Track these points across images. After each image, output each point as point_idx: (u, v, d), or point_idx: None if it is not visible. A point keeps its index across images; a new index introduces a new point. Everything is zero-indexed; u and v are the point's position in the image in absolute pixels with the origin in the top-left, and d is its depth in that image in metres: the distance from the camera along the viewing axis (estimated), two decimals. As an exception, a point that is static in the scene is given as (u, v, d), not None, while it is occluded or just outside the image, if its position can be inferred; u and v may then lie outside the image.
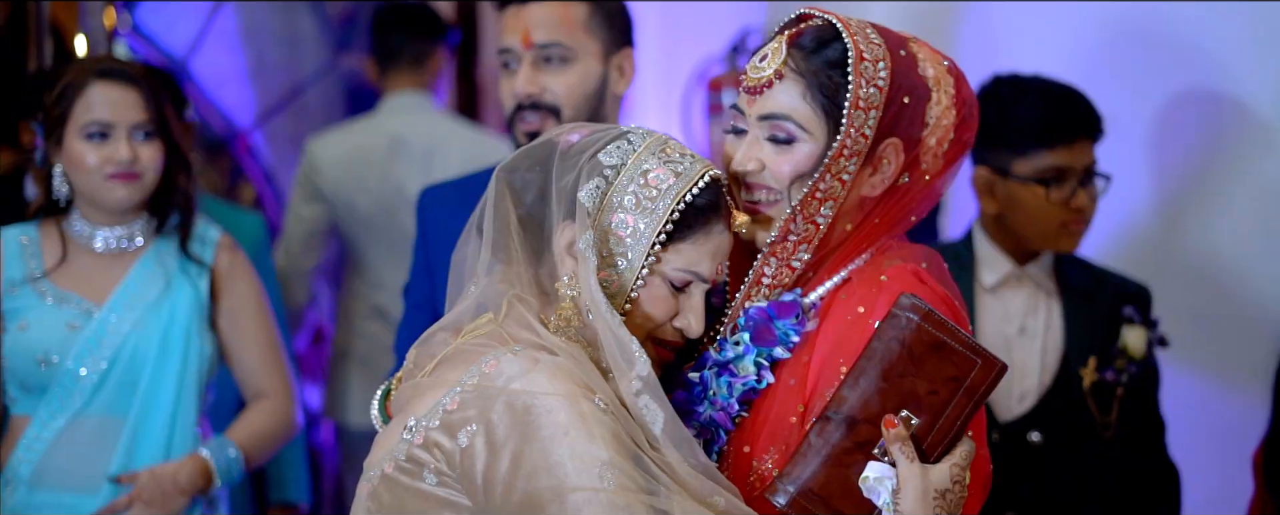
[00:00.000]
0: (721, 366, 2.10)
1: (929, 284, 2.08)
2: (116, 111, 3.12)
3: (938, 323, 1.90)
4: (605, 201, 2.04)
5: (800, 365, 2.08)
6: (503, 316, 2.05)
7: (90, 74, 3.15)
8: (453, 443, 1.92)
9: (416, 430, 1.95)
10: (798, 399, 2.06)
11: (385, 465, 1.97)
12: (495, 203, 2.09)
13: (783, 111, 2.09)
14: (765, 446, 2.05)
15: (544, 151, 2.10)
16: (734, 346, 2.09)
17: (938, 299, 2.05)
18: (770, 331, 2.08)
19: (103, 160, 3.11)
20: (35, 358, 3.11)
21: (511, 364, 1.94)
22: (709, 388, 2.09)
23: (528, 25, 2.94)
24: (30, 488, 3.11)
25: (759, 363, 2.08)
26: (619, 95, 3.04)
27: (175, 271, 3.23)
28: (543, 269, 2.08)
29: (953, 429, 1.90)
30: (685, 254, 2.06)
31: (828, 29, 2.11)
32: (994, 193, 3.22)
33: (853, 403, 1.91)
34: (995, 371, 1.90)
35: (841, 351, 2.04)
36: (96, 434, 3.14)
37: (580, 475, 1.86)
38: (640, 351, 1.96)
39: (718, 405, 2.09)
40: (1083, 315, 3.23)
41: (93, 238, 3.20)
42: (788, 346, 2.08)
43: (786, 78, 2.08)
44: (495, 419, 1.90)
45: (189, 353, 3.20)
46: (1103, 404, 3.18)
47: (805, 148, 2.09)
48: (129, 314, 3.17)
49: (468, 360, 1.98)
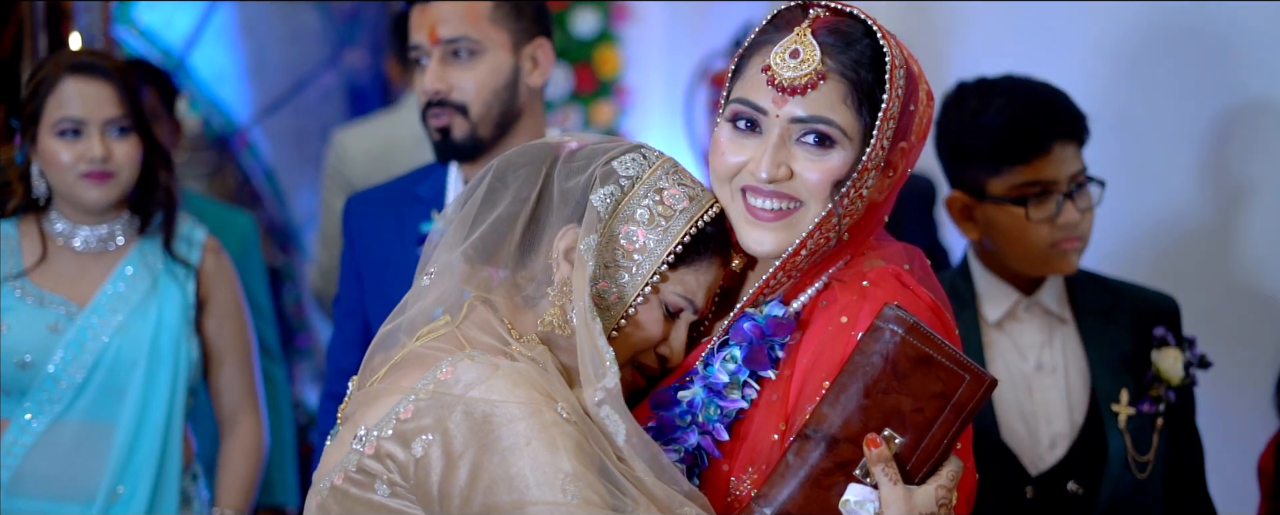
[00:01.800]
0: (712, 390, 1.99)
1: (913, 288, 1.98)
2: (89, 107, 3.04)
3: (923, 336, 1.81)
4: (618, 210, 1.97)
5: (781, 380, 1.98)
6: (461, 319, 1.97)
7: (63, 69, 3.07)
8: (406, 453, 1.84)
9: (367, 440, 1.87)
10: (778, 416, 1.95)
11: (335, 476, 1.90)
12: (485, 198, 2.00)
13: (827, 115, 1.94)
14: (743, 466, 1.95)
15: (543, 153, 2.04)
16: (725, 366, 1.99)
17: (923, 306, 1.95)
18: (763, 352, 1.97)
19: (76, 158, 3.03)
20: (14, 360, 3.03)
21: (469, 370, 1.86)
22: (697, 412, 1.99)
23: (433, 21, 2.91)
24: (8, 494, 3.04)
25: (747, 382, 1.98)
26: (536, 87, 2.99)
27: (161, 273, 3.15)
28: (524, 272, 2.00)
29: (938, 448, 1.81)
30: (685, 281, 2.00)
31: (851, 23, 1.98)
32: (973, 217, 2.89)
33: (833, 420, 1.81)
34: (984, 386, 1.81)
35: (823, 365, 1.93)
36: (79, 440, 3.07)
37: (542, 488, 1.78)
38: (614, 364, 1.88)
39: (705, 429, 1.98)
40: (1105, 340, 2.89)
41: (73, 236, 3.12)
42: (775, 365, 1.99)
43: (830, 79, 1.93)
44: (452, 428, 1.82)
45: (179, 358, 3.14)
46: (1140, 441, 2.84)
47: (842, 154, 1.95)
48: (113, 316, 3.10)
49: (422, 365, 1.90)
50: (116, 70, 3.10)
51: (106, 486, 3.05)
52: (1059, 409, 2.87)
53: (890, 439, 1.79)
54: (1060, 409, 2.87)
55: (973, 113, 2.84)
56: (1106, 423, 2.83)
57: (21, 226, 3.13)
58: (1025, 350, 2.90)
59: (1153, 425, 2.83)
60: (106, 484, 3.05)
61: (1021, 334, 2.91)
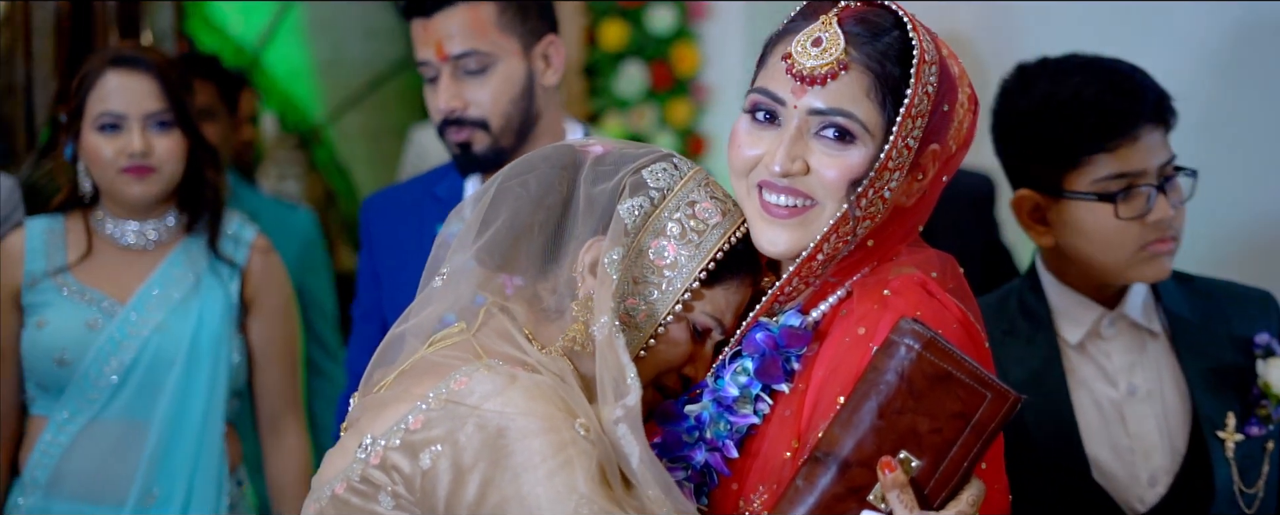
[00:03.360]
0: (721, 405, 1.87)
1: (939, 297, 1.84)
2: (129, 101, 2.99)
3: (941, 351, 1.66)
4: (647, 223, 1.87)
5: (795, 394, 1.85)
6: (478, 326, 1.87)
7: (105, 63, 3.03)
8: (413, 465, 1.75)
9: (372, 449, 1.78)
10: (791, 433, 1.82)
11: (336, 485, 1.81)
12: (505, 203, 1.90)
13: (848, 108, 1.82)
14: (755, 485, 1.83)
15: (566, 158, 1.93)
16: (735, 379, 1.87)
17: (949, 317, 1.82)
18: (776, 364, 1.85)
19: (116, 152, 2.99)
20: (52, 357, 3.00)
21: (485, 380, 1.75)
22: (706, 428, 1.87)
23: (439, 37, 2.78)
24: (46, 494, 3.01)
25: (758, 396, 1.86)
26: (550, 86, 2.87)
27: (205, 271, 3.10)
28: (546, 283, 1.90)
29: (958, 471, 1.67)
30: (715, 300, 1.89)
31: (881, 13, 1.86)
32: (1045, 220, 2.53)
33: (845, 442, 1.67)
34: (1007, 405, 1.67)
35: (838, 379, 1.80)
36: (117, 439, 3.02)
37: (554, 508, 1.68)
38: (636, 381, 1.78)
39: (714, 445, 1.87)
40: (1202, 353, 2.53)
41: (117, 232, 3.08)
42: (790, 378, 1.86)
43: (852, 70, 1.81)
44: (463, 440, 1.72)
45: (218, 359, 3.08)
46: (1248, 470, 2.49)
47: (862, 151, 1.82)
48: (153, 314, 3.05)
49: (435, 374, 1.80)
50: (158, 64, 3.05)
51: (139, 488, 3.01)
52: (1157, 439, 2.51)
53: (906, 462, 1.65)
54: (1159, 439, 2.51)
55: (1044, 96, 2.49)
56: (1213, 451, 2.48)
57: (68, 221, 3.09)
58: (1114, 374, 2.55)
59: (1262, 450, 2.51)
60: (139, 485, 3.01)
61: (1108, 355, 2.56)
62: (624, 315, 1.85)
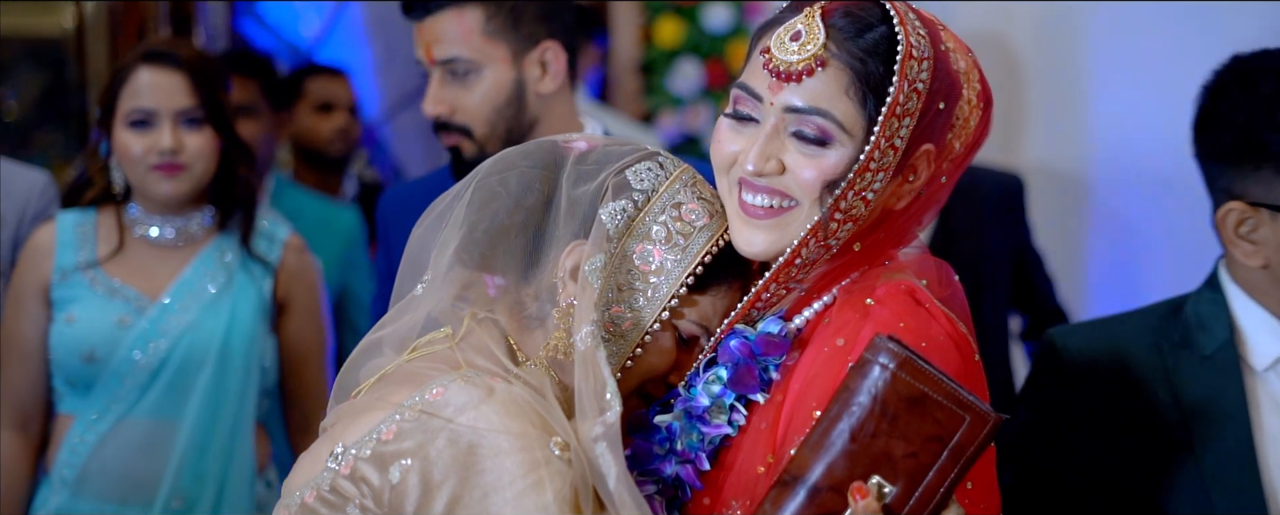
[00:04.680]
0: (692, 414, 1.79)
1: (927, 307, 1.75)
2: (159, 97, 2.97)
3: (917, 371, 1.57)
4: (631, 227, 1.80)
5: (772, 406, 1.77)
6: (459, 338, 1.81)
7: (138, 59, 3.01)
8: (382, 477, 1.70)
9: (343, 458, 1.73)
10: (766, 446, 1.74)
11: (306, 493, 1.76)
12: (484, 202, 1.83)
13: (820, 106, 1.73)
14: (727, 499, 1.75)
15: (549, 154, 1.86)
16: (708, 389, 1.79)
17: (937, 329, 1.73)
18: (752, 373, 1.77)
19: (146, 149, 2.97)
20: (81, 353, 2.98)
21: (461, 392, 1.70)
22: (676, 438, 1.79)
23: (429, 40, 2.76)
24: (74, 493, 2.99)
25: (733, 406, 1.78)
26: (546, 93, 2.80)
27: (237, 270, 3.07)
28: (528, 288, 1.83)
29: (933, 497, 1.58)
30: (704, 307, 1.82)
31: (869, 7, 1.76)
32: (1254, 237, 2.25)
33: (815, 466, 1.59)
34: (987, 427, 1.58)
35: (814, 392, 1.72)
36: (146, 438, 2.99)
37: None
38: (616, 397, 1.71)
39: (685, 457, 1.79)
40: None
41: (149, 229, 3.06)
42: (767, 388, 1.78)
43: (830, 66, 1.72)
44: (434, 455, 1.67)
45: (250, 358, 3.05)
46: None
47: (840, 151, 1.73)
48: (184, 313, 3.02)
49: (412, 383, 1.75)
50: (191, 60, 3.02)
51: (168, 487, 2.98)
52: None
53: (879, 488, 1.57)
54: None
55: (1270, 98, 2.21)
56: None
57: (100, 216, 3.07)
58: None
59: None
60: (168, 484, 2.98)
61: None
62: (608, 323, 1.79)
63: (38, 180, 3.26)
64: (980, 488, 1.71)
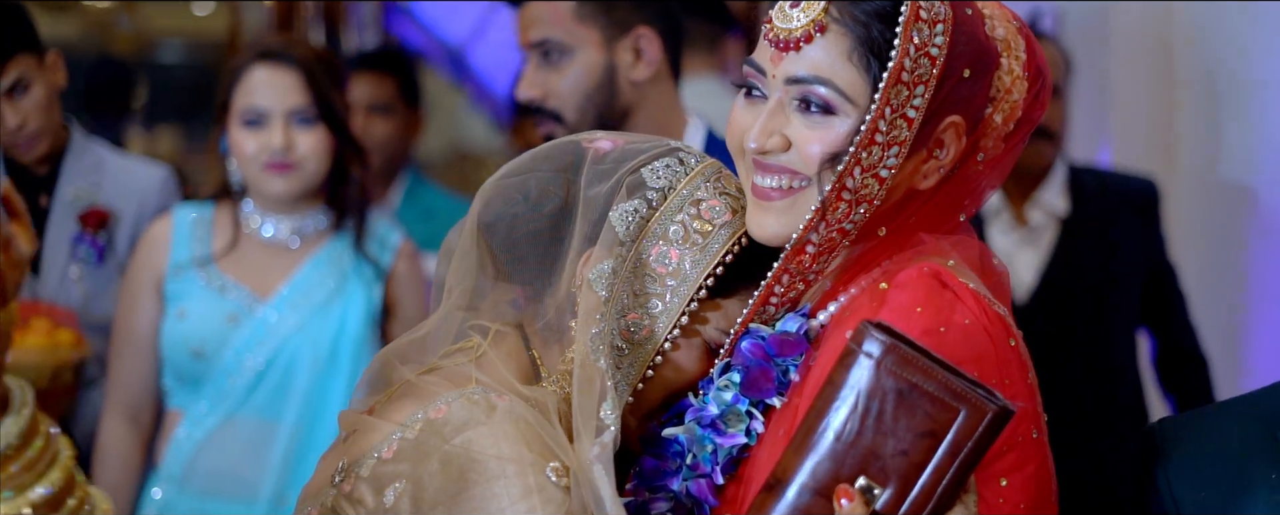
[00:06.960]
0: (704, 424, 1.66)
1: (953, 288, 1.59)
2: (272, 96, 2.98)
3: (906, 360, 1.41)
4: (646, 228, 1.69)
5: (789, 410, 1.63)
6: (483, 349, 1.73)
7: (253, 57, 3.03)
8: (376, 500, 1.63)
9: (347, 476, 1.67)
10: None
11: (311, 509, 1.71)
12: (500, 206, 1.74)
13: (820, 74, 1.62)
14: None
15: (568, 156, 1.75)
16: (719, 395, 1.66)
17: (962, 312, 1.57)
18: (768, 376, 1.64)
19: (258, 148, 2.98)
20: (190, 348, 3.00)
21: (461, 410, 1.62)
22: (688, 452, 1.67)
23: (525, 24, 2.77)
24: (180, 487, 3.01)
25: (749, 413, 1.65)
26: (639, 81, 2.74)
27: (350, 273, 3.06)
28: (551, 298, 1.72)
29: (932, 498, 1.42)
30: (728, 311, 1.69)
31: None
32: None
33: (799, 469, 1.44)
34: (985, 419, 1.40)
35: None
36: (252, 438, 3.01)
37: None
38: (614, 415, 1.61)
39: (699, 471, 1.66)
40: None
41: (263, 227, 3.07)
42: (784, 391, 1.64)
43: (830, 31, 1.62)
44: (426, 479, 1.60)
45: (357, 362, 3.03)
46: None
47: (846, 123, 1.62)
48: (293, 313, 3.03)
49: (419, 399, 1.67)
50: (305, 59, 3.02)
51: (269, 488, 2.99)
52: None
53: (867, 490, 1.42)
54: None
55: None
56: None
57: (217, 212, 3.09)
58: None
59: None
60: (270, 485, 2.99)
61: None
62: (624, 331, 1.67)
63: (156, 175, 3.30)
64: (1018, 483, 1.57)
